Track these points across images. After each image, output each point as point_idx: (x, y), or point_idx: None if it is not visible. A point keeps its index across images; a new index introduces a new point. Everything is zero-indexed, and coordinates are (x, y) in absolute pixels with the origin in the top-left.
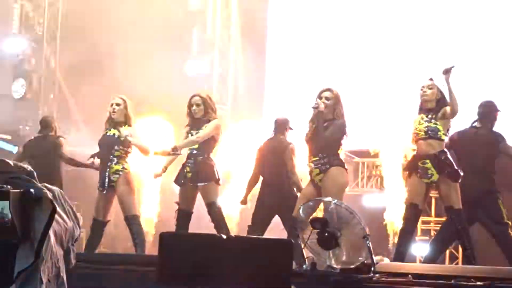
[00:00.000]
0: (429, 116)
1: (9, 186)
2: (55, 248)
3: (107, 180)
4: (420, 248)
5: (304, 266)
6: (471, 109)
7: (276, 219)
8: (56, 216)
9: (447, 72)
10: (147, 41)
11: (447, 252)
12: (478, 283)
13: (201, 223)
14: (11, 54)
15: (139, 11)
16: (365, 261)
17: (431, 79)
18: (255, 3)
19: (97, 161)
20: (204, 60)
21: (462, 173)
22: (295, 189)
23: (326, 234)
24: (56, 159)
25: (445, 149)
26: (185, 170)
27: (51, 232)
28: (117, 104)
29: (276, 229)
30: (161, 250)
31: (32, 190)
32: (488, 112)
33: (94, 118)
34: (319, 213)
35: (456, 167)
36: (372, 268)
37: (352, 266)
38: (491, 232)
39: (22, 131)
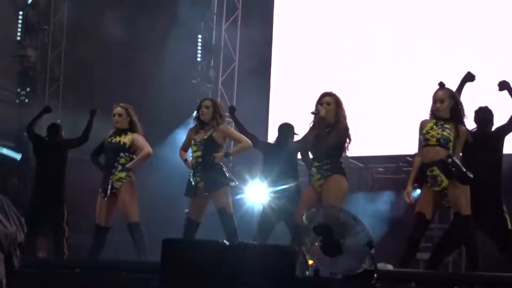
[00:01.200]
0: (445, 125)
1: None
2: None
3: (110, 186)
4: (423, 254)
5: (307, 273)
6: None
7: (280, 226)
8: None
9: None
10: (152, 48)
11: (450, 258)
12: None
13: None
14: (16, 61)
15: (144, 18)
16: (368, 268)
17: (441, 85)
18: (260, 9)
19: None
20: (209, 67)
21: (471, 175)
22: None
23: (329, 240)
24: (60, 164)
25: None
26: (195, 180)
27: None
28: (119, 115)
29: (280, 236)
30: (164, 257)
31: None
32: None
33: (99, 126)
34: (321, 219)
35: (464, 170)
36: (375, 275)
37: (355, 273)
38: (494, 239)
39: (26, 138)
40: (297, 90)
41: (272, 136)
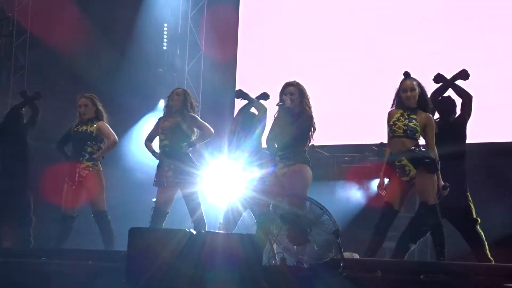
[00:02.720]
0: (411, 116)
1: None
2: None
3: (77, 175)
4: (389, 243)
5: (274, 261)
6: None
7: (247, 215)
8: None
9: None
10: (118, 36)
11: (416, 247)
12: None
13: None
14: None
15: (110, 6)
16: (335, 257)
17: (406, 74)
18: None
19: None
20: (175, 56)
21: (438, 164)
22: None
23: (296, 229)
24: (24, 152)
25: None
26: (165, 170)
27: None
28: (85, 105)
29: (247, 225)
30: (130, 246)
31: None
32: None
33: (63, 116)
34: (287, 208)
35: (433, 158)
36: (341, 264)
37: (321, 262)
38: (459, 228)
39: None
40: (263, 79)
41: None
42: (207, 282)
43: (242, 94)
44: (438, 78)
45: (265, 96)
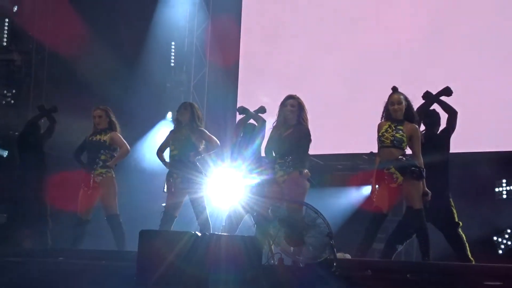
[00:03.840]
0: (398, 127)
1: None
2: None
3: (91, 181)
4: (378, 244)
5: (272, 261)
6: None
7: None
8: None
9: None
10: (130, 56)
11: (403, 248)
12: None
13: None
14: (3, 65)
15: (122, 30)
16: (328, 257)
17: (395, 89)
18: (228, 11)
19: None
20: (182, 72)
21: (424, 172)
22: None
23: (292, 232)
24: (42, 160)
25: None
26: (174, 177)
27: None
28: (99, 116)
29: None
30: (141, 247)
31: None
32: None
33: (80, 127)
34: (285, 212)
35: (418, 166)
36: (334, 263)
37: (316, 262)
38: (443, 231)
39: (12, 136)
40: (263, 93)
41: None
42: (210, 281)
43: (243, 110)
44: (426, 95)
45: (262, 109)
